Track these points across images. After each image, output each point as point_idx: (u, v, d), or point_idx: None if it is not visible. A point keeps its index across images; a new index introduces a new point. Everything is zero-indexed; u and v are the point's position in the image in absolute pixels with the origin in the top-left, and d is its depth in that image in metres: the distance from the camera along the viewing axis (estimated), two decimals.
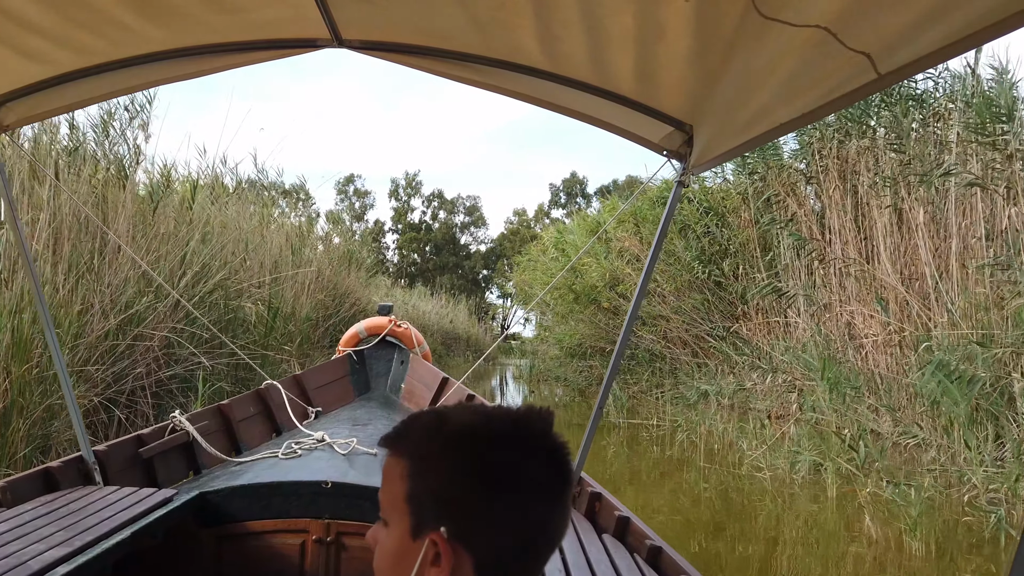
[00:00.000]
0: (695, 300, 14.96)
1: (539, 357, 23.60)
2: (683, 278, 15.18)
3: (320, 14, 1.80)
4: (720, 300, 14.85)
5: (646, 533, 2.34)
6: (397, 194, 55.75)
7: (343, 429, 3.46)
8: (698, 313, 15.12)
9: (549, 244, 21.53)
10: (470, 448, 0.81)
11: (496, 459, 0.81)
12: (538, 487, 0.82)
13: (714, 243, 14.50)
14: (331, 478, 2.56)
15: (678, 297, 15.51)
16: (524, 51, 1.88)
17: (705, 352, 15.18)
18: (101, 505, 2.32)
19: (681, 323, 15.26)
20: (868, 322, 10.63)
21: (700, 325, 15.04)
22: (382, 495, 0.87)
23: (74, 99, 2.25)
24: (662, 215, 2.43)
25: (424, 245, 55.74)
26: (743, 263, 13.91)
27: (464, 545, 0.79)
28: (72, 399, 2.69)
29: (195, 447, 3.20)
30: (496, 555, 0.80)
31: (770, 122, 1.61)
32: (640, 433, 10.62)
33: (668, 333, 15.94)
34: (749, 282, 13.91)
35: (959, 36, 1.05)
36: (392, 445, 0.87)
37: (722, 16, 1.44)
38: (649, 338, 16.13)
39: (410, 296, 29.92)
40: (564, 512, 0.84)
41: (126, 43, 1.98)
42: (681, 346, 15.79)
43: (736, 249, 14.02)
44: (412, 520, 0.82)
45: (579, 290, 18.00)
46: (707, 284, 14.71)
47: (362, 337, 5.13)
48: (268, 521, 2.52)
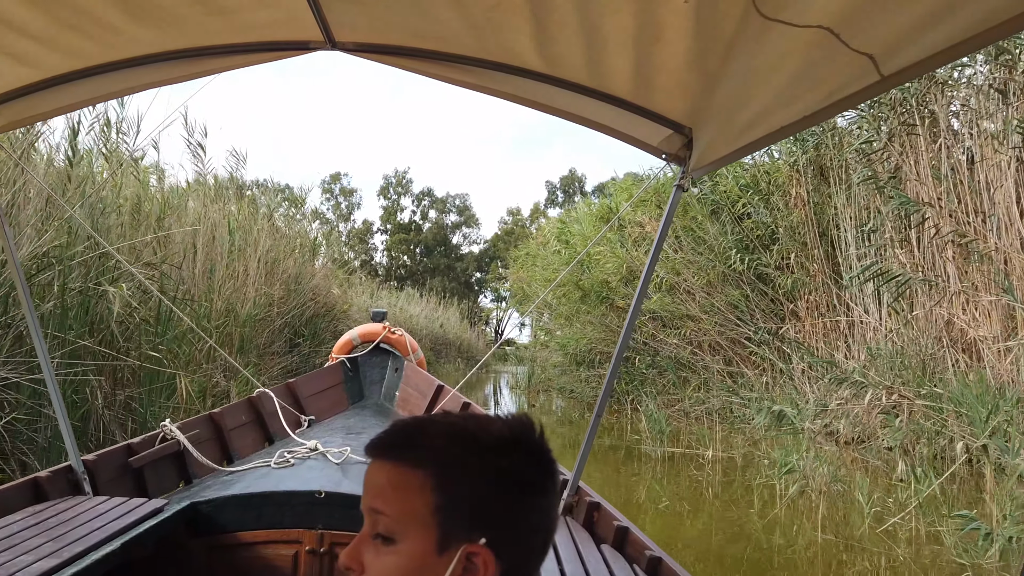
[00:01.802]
0: (732, 296, 12.35)
1: (538, 364, 20.93)
2: (715, 270, 12.58)
3: (313, 16, 1.77)
4: (762, 296, 12.26)
5: (645, 543, 2.25)
6: (387, 192, 53.08)
7: (337, 438, 3.47)
8: (735, 312, 12.52)
9: (551, 236, 18.83)
10: (500, 458, 0.81)
11: (524, 465, 0.82)
12: (549, 489, 0.84)
13: (757, 227, 11.90)
14: (324, 488, 2.51)
15: (709, 293, 12.90)
16: (520, 53, 1.85)
17: (742, 359, 12.58)
18: (91, 515, 2.28)
19: (713, 324, 12.66)
20: (982, 319, 8.04)
21: (737, 326, 12.45)
22: (388, 507, 0.81)
23: (64, 102, 2.21)
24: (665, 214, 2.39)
25: (414, 246, 53.10)
26: (795, 251, 11.30)
27: (496, 553, 0.79)
28: (61, 407, 2.64)
29: (186, 456, 3.10)
30: (525, 559, 0.82)
31: (771, 125, 1.59)
32: (687, 467, 7.96)
33: (696, 336, 13.33)
34: (802, 273, 11.31)
35: (964, 36, 1.04)
36: (400, 455, 0.82)
37: (722, 17, 1.41)
38: (672, 343, 13.51)
39: (397, 299, 28.30)
40: (557, 512, 0.97)
41: (116, 46, 1.95)
42: (710, 351, 13.19)
43: (785, 234, 11.42)
44: (439, 533, 0.79)
45: (587, 287, 15.37)
46: (746, 277, 12.12)
47: (356, 344, 5.07)
48: (260, 531, 2.48)
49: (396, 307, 24.77)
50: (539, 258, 19.15)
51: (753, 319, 12.21)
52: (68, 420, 2.67)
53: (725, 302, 12.61)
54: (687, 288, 13.07)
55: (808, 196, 11.15)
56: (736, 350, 12.73)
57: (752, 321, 12.21)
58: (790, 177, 11.39)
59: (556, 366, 18.60)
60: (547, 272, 18.04)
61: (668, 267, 13.14)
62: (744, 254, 11.96)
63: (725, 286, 12.64)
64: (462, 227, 54.15)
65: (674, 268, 13.11)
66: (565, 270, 14.64)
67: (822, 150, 11.07)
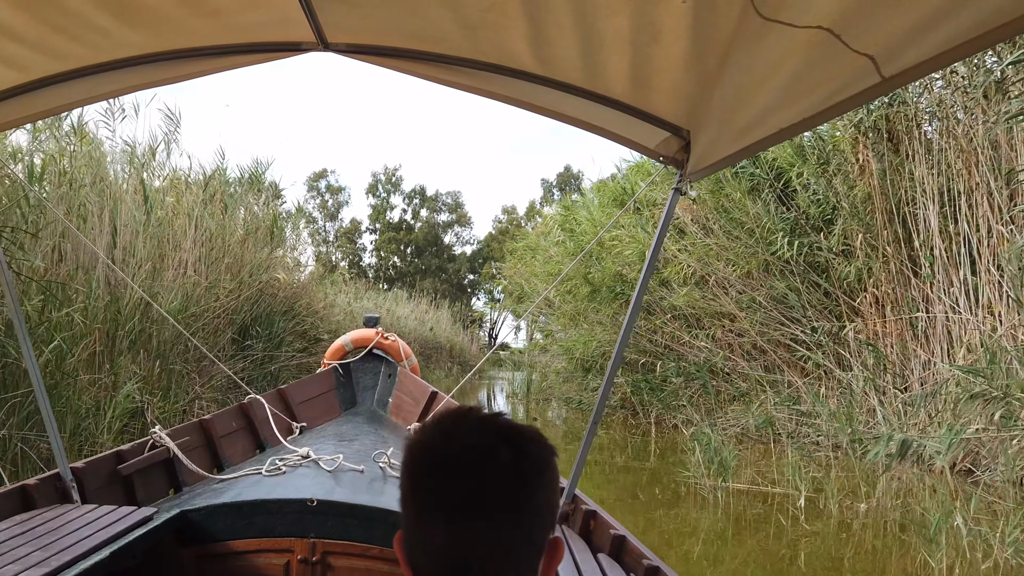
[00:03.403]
0: (777, 289, 10.22)
1: (537, 370, 18.74)
2: (757, 258, 10.45)
3: (305, 17, 1.74)
4: (812, 289, 10.14)
5: (643, 552, 2.21)
6: (375, 190, 50.79)
7: (329, 445, 3.41)
8: (781, 308, 10.38)
9: (553, 225, 16.63)
10: (408, 461, 0.80)
11: (415, 470, 0.80)
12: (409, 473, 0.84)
13: (811, 204, 9.77)
14: (316, 496, 2.47)
15: (748, 286, 10.77)
16: (515, 54, 1.82)
17: (789, 365, 10.45)
18: (79, 524, 2.26)
19: (753, 323, 10.54)
20: None
21: (783, 326, 10.32)
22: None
23: (52, 105, 2.17)
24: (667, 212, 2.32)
25: (404, 246, 50.83)
26: (864, 232, 9.17)
27: (403, 548, 0.80)
28: (49, 414, 2.60)
29: (176, 464, 3.07)
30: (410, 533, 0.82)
31: (770, 126, 1.57)
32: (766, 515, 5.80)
33: (731, 338, 11.20)
34: (870, 259, 9.19)
35: (966, 38, 1.03)
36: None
37: (720, 17, 1.40)
38: (702, 346, 11.37)
39: (384, 299, 26.31)
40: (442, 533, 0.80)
41: (104, 48, 1.91)
42: (744, 356, 11.07)
43: (850, 212, 9.29)
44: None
45: (598, 281, 13.21)
46: (795, 266, 10.00)
47: (348, 350, 5.00)
48: (252, 540, 2.46)
49: (382, 309, 23.03)
50: (539, 250, 16.96)
51: (805, 316, 10.09)
52: (57, 428, 2.65)
53: (768, 296, 10.48)
54: (722, 280, 10.94)
55: (875, 166, 9.04)
56: (780, 354, 10.61)
57: (804, 319, 10.09)
58: (855, 141, 9.26)
59: (559, 372, 16.43)
60: (549, 266, 15.86)
61: (697, 255, 11.01)
62: (794, 238, 9.84)
63: (768, 277, 10.52)
64: (454, 226, 51.89)
65: (704, 257, 10.98)
66: (573, 261, 12.49)
67: (896, 108, 8.96)
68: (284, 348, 10.08)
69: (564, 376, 16.23)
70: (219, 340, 8.93)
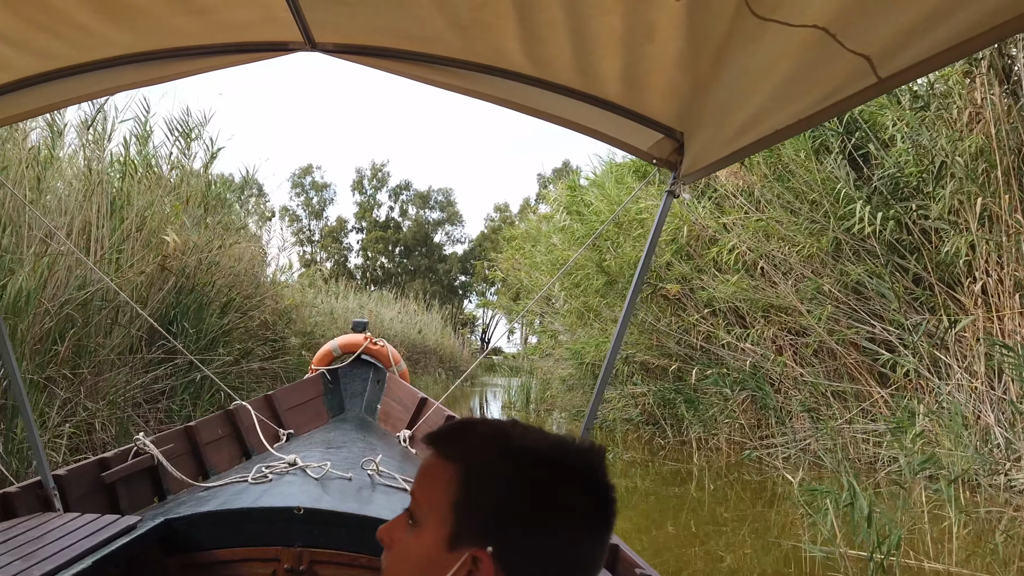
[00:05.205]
0: (853, 275, 8.01)
1: (536, 377, 16.50)
2: (827, 236, 8.25)
3: (292, 16, 1.71)
4: (899, 274, 7.95)
5: (636, 562, 2.19)
6: (361, 187, 48.45)
7: (316, 452, 3.37)
8: (856, 299, 8.18)
9: (557, 207, 14.35)
10: (535, 472, 0.78)
11: (559, 490, 0.78)
12: (588, 525, 0.79)
13: (910, 162, 7.54)
14: (303, 504, 2.44)
15: (811, 271, 8.56)
16: (506, 55, 1.79)
17: (866, 372, 8.25)
18: (61, 533, 2.21)
19: (819, 319, 8.32)
20: None
21: (858, 324, 8.11)
22: (420, 492, 0.82)
23: (35, 105, 2.12)
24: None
25: (392, 246, 48.51)
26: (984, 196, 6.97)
27: (502, 566, 0.75)
28: (31, 420, 2.54)
29: (160, 471, 3.01)
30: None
31: (765, 128, 1.55)
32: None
33: (783, 338, 8.98)
34: (990, 232, 7.01)
35: (964, 38, 1.01)
36: (440, 446, 0.83)
37: (714, 17, 1.37)
38: (748, 348, 9.15)
39: (368, 300, 24.60)
40: (603, 554, 0.81)
41: (89, 47, 1.87)
42: (799, 361, 8.85)
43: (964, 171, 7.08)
44: (453, 529, 0.78)
45: (615, 269, 10.97)
46: (876, 244, 7.81)
47: (336, 355, 4.93)
48: (238, 549, 2.41)
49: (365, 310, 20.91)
50: (542, 237, 14.71)
51: (889, 309, 7.88)
52: (38, 434, 2.59)
53: (838, 284, 8.28)
54: (779, 264, 8.72)
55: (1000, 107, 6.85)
56: (854, 358, 8.40)
57: (887, 312, 7.88)
58: (966, 78, 7.07)
59: (564, 380, 14.19)
60: (554, 254, 13.61)
61: (748, 234, 8.80)
62: (879, 208, 7.63)
63: (839, 260, 8.32)
64: (445, 224, 49.58)
65: (756, 236, 8.76)
66: (585, 244, 10.28)
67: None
68: (220, 349, 7.78)
69: (569, 384, 14.02)
70: (128, 339, 6.65)
